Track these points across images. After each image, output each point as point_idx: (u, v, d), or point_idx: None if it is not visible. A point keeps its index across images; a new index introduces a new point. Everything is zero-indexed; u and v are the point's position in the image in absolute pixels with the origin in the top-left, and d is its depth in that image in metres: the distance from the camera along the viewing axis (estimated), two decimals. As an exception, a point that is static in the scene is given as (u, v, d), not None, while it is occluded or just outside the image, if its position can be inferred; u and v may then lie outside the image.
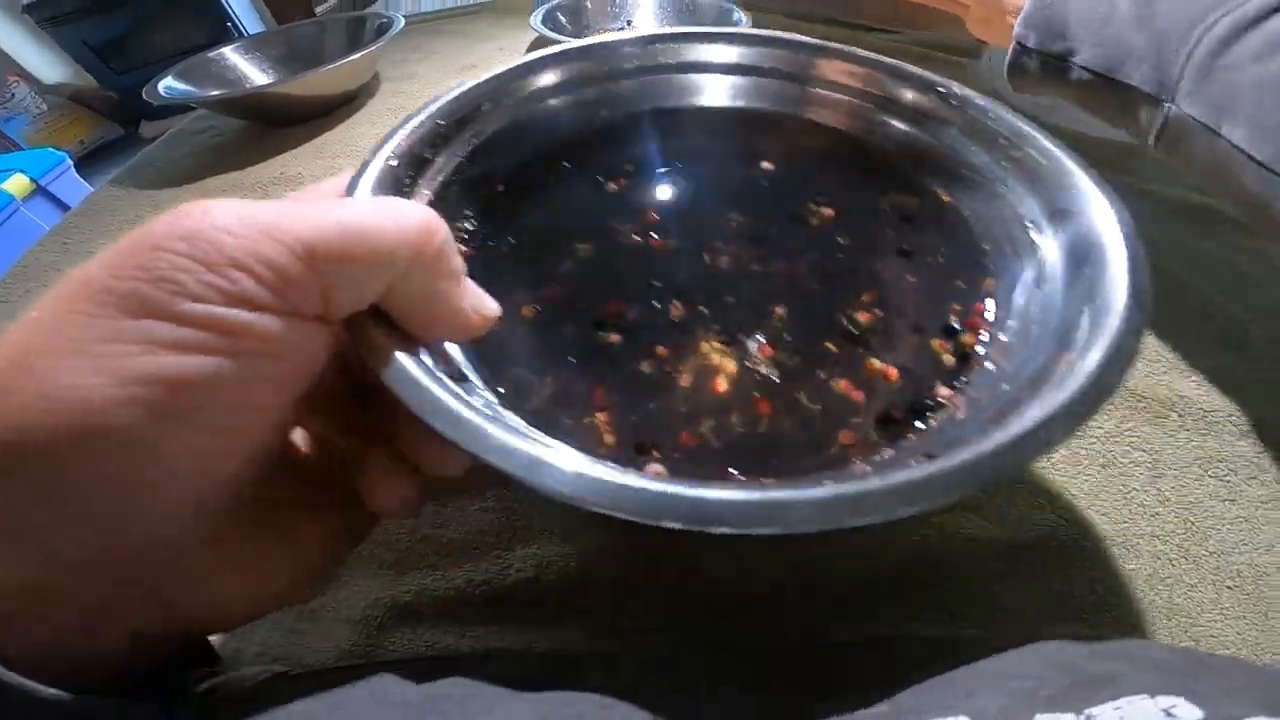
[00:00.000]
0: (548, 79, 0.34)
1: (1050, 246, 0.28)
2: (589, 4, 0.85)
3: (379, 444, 0.21)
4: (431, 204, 0.28)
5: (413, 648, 0.30)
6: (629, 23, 0.86)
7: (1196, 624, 0.32)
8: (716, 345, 0.29)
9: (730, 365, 0.28)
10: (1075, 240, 0.27)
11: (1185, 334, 0.44)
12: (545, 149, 0.34)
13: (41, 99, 2.32)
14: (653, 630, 0.30)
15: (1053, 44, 0.41)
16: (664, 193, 0.35)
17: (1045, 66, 0.42)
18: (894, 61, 0.36)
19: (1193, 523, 0.35)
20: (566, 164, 0.34)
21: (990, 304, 0.30)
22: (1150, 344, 0.43)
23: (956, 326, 0.29)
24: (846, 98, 0.36)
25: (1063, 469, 0.36)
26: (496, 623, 0.31)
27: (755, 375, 0.28)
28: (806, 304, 0.31)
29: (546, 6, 0.80)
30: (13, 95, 2.26)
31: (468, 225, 0.30)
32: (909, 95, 0.35)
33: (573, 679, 0.25)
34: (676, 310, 0.30)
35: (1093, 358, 0.20)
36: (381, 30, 0.76)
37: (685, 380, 0.28)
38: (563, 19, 0.81)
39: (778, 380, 0.28)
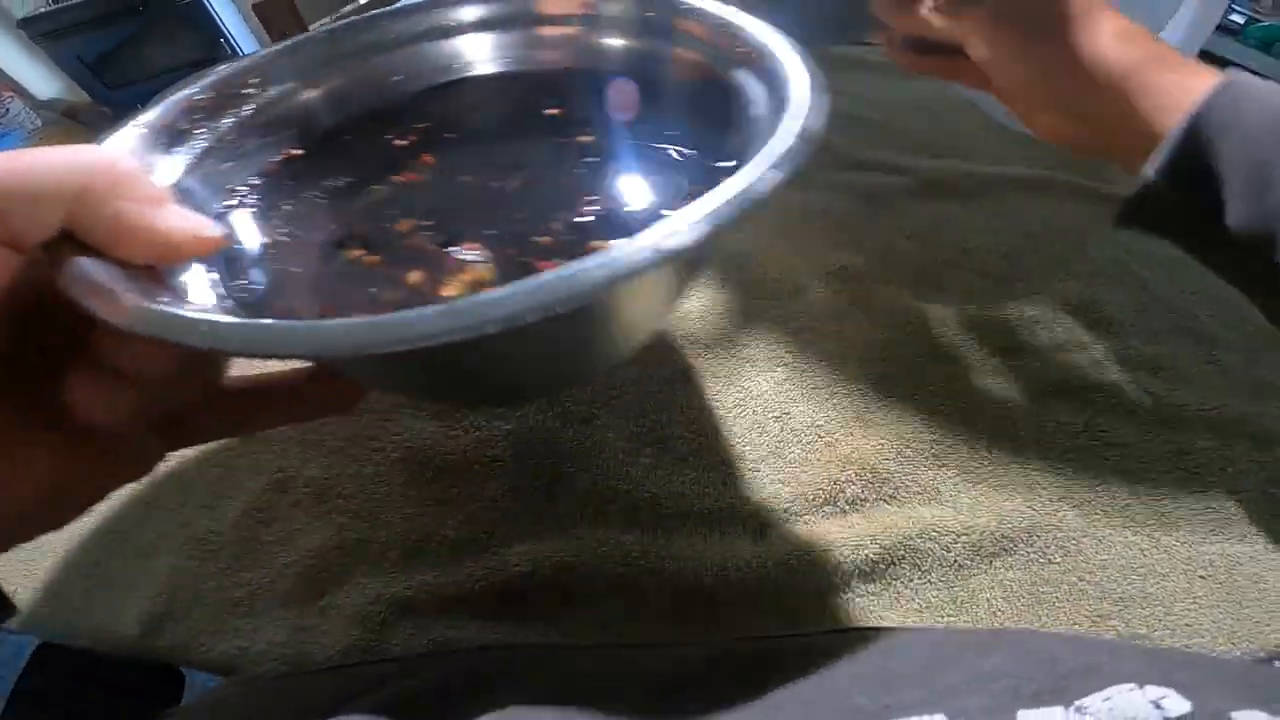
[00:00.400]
0: (315, 53, 0.36)
1: (767, 117, 0.29)
2: None
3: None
4: (191, 166, 0.30)
5: (416, 643, 0.31)
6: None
7: (1170, 613, 0.33)
8: (459, 256, 0.30)
9: (480, 272, 0.29)
10: (780, 103, 0.28)
11: (1154, 333, 0.45)
12: (318, 115, 0.36)
13: (36, 114, 2.33)
14: (647, 625, 0.32)
15: (1194, 195, 0.32)
16: (433, 145, 0.37)
17: (1174, 214, 0.34)
18: None
19: (1164, 514, 0.36)
20: (339, 126, 0.36)
21: None
22: (1119, 342, 0.44)
23: None
24: (582, 28, 0.39)
25: (1034, 462, 0.38)
26: (496, 618, 0.32)
27: (486, 276, 0.29)
28: (544, 212, 0.32)
29: None
30: (7, 111, 2.26)
31: (238, 183, 0.32)
32: (637, 12, 0.37)
33: (569, 672, 0.26)
34: (409, 225, 0.32)
35: (738, 181, 0.21)
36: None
37: (433, 290, 0.28)
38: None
39: (503, 276, 0.29)
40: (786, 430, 0.39)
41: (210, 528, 0.36)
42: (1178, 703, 0.17)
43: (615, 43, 0.38)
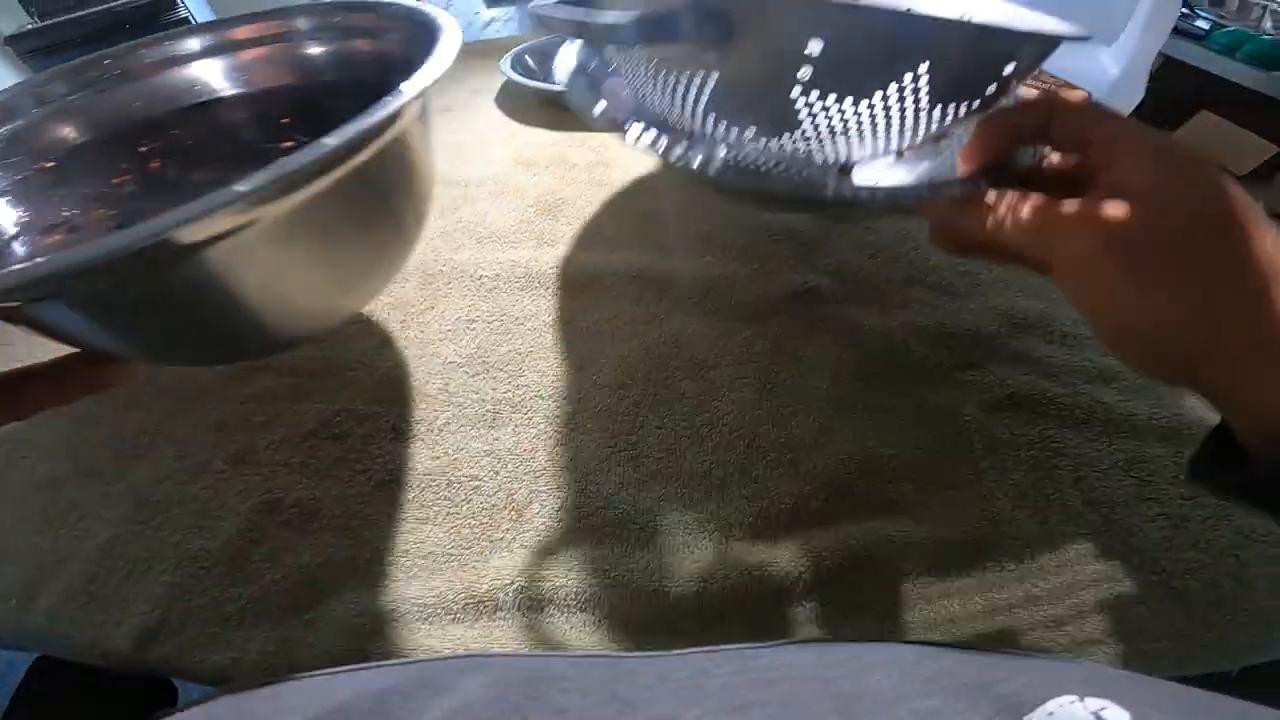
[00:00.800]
0: (55, 89, 0.41)
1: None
2: (556, 48, 0.86)
3: None
4: None
5: (398, 649, 0.33)
6: (594, 64, 0.87)
7: (1125, 619, 0.34)
8: None
9: None
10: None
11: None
12: (64, 138, 0.41)
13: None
14: (614, 632, 0.33)
15: None
16: (166, 155, 0.43)
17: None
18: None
19: (1117, 521, 0.38)
20: (85, 144, 0.41)
21: None
22: (1073, 354, 0.46)
23: None
24: (287, 45, 0.45)
25: (989, 474, 0.39)
26: (474, 625, 0.34)
27: None
28: None
29: (515, 51, 0.83)
30: (-6, 128, 2.26)
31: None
32: (329, 19, 0.44)
33: (536, 679, 0.27)
34: (100, 215, 0.40)
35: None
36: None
37: None
38: (531, 63, 0.84)
39: None
40: (752, 449, 0.41)
41: (203, 546, 0.37)
42: (1116, 713, 0.17)
43: (317, 50, 0.44)
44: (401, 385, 0.45)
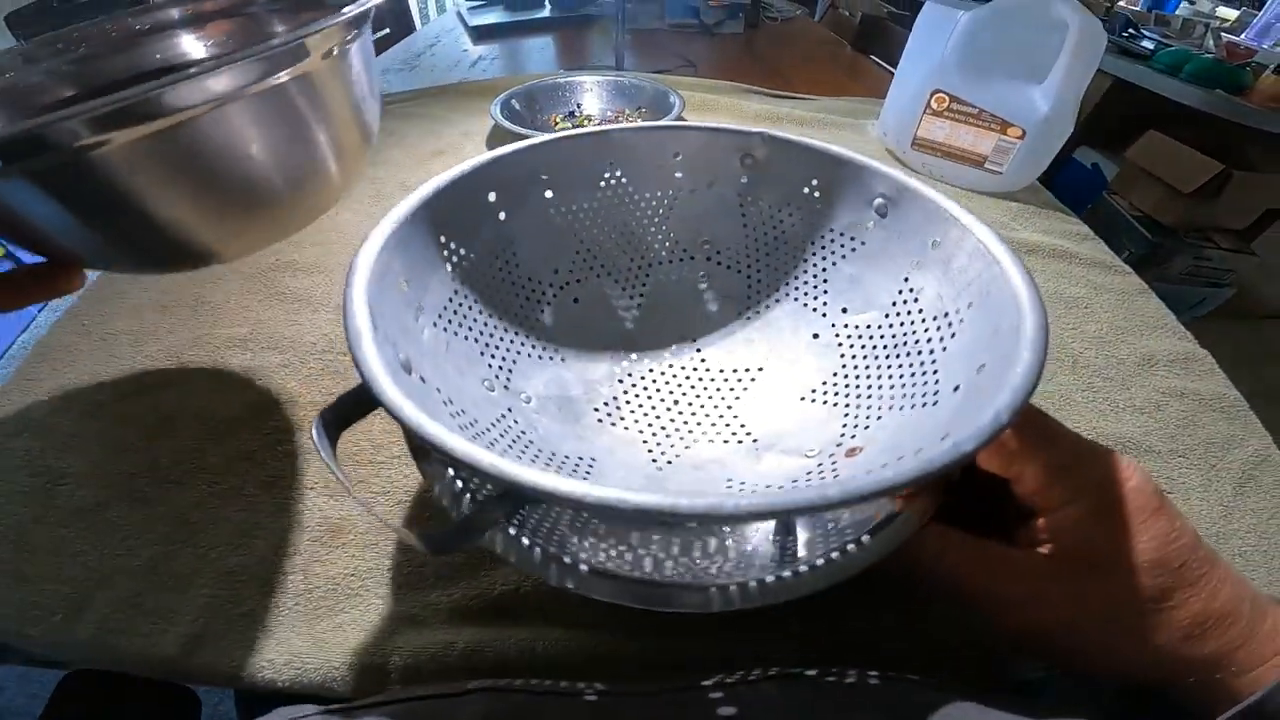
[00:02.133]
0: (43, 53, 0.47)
1: None
2: (540, 92, 0.93)
3: None
4: None
5: (418, 646, 0.36)
6: (579, 105, 0.94)
7: None
8: None
9: None
10: None
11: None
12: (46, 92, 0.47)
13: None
14: (610, 630, 0.37)
15: None
16: None
17: None
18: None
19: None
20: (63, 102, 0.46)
21: None
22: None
23: None
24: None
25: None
26: (487, 625, 0.38)
27: None
28: None
29: (504, 95, 0.88)
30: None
31: None
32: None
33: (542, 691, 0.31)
34: None
35: None
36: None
37: None
38: (517, 106, 0.89)
39: None
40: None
41: (240, 562, 0.41)
42: None
43: (277, 25, 0.51)
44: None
